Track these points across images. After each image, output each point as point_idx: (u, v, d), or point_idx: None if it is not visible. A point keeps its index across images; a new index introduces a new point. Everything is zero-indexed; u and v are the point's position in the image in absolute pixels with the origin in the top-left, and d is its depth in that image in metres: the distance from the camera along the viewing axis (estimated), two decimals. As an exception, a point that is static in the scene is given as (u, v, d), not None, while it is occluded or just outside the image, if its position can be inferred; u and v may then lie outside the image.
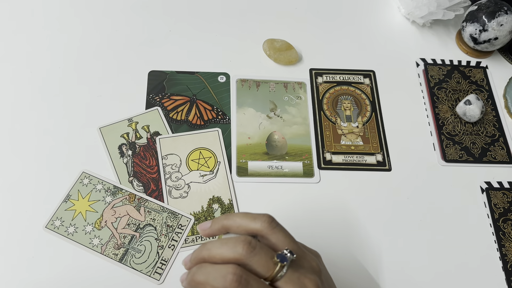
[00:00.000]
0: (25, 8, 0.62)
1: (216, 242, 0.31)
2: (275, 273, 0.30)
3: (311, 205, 0.50)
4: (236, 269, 0.29)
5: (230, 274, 0.29)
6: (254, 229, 0.32)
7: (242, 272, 0.29)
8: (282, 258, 0.30)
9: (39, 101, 0.54)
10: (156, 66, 0.58)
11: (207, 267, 0.30)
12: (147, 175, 0.50)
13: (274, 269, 0.30)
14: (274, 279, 0.30)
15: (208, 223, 0.34)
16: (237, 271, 0.29)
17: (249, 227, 0.32)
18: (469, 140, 0.56)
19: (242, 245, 0.30)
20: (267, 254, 0.30)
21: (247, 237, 0.31)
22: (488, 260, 0.48)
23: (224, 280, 0.28)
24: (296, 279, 0.30)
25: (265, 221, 0.32)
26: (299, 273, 0.30)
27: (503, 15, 0.57)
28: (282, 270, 0.30)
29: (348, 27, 0.64)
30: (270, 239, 0.32)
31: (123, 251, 0.46)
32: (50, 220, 0.47)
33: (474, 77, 0.61)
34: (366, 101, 0.58)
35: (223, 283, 0.28)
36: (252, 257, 0.30)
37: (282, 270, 0.30)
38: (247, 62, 0.60)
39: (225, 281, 0.28)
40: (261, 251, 0.30)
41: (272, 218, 0.33)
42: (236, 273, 0.29)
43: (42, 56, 0.58)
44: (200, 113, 0.55)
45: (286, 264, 0.30)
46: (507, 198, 0.52)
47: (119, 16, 0.62)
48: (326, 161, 0.53)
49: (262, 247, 0.30)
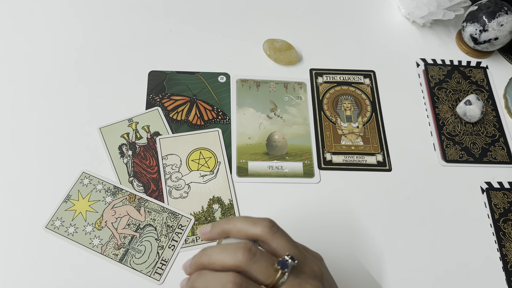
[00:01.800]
0: (25, 8, 0.62)
1: (216, 248, 0.31)
2: (276, 280, 0.29)
3: (311, 205, 0.50)
4: (236, 277, 0.29)
5: (230, 283, 0.28)
6: (254, 234, 0.32)
7: (242, 281, 0.29)
8: (283, 264, 0.30)
9: (39, 101, 0.54)
10: (156, 66, 0.58)
11: (207, 275, 0.30)
12: (147, 175, 0.50)
13: (275, 276, 0.29)
14: (275, 286, 0.29)
15: (208, 226, 0.34)
16: (237, 280, 0.28)
17: (250, 232, 0.32)
18: (469, 140, 0.56)
19: (242, 252, 0.30)
20: (267, 261, 0.30)
21: (247, 243, 0.30)
22: (488, 260, 0.48)
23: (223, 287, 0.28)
24: (297, 285, 0.30)
25: (266, 226, 0.32)
26: (300, 279, 0.30)
27: (503, 15, 0.57)
28: (283, 277, 0.29)
29: (348, 27, 0.64)
30: (270, 244, 0.32)
31: (123, 251, 0.46)
32: (50, 220, 0.47)
33: (474, 77, 0.61)
34: (366, 101, 0.58)
35: None
36: (252, 264, 0.29)
37: (283, 277, 0.29)
38: (247, 62, 0.60)
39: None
40: (261, 257, 0.30)
41: (273, 222, 0.32)
42: (236, 282, 0.28)
43: (42, 56, 0.58)
44: (200, 113, 0.55)
45: (287, 271, 0.30)
46: (508, 198, 0.52)
47: (119, 16, 0.62)
48: (326, 161, 0.53)
49: (262, 254, 0.30)
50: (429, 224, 0.50)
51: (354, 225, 0.49)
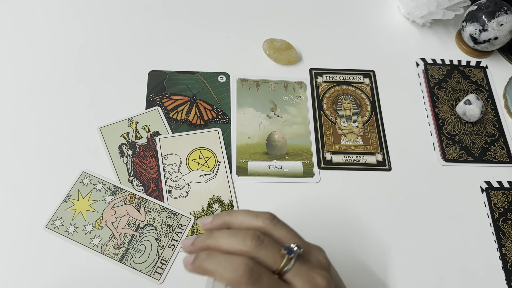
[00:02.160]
0: (25, 8, 0.62)
1: (224, 233, 0.31)
2: (282, 266, 0.30)
3: (311, 205, 0.50)
4: (248, 261, 0.29)
5: (243, 265, 0.28)
6: (256, 226, 0.32)
7: (253, 265, 0.29)
8: (289, 250, 0.30)
9: (39, 101, 0.54)
10: (156, 66, 0.58)
11: (218, 256, 0.30)
12: (147, 175, 0.50)
13: (281, 261, 0.30)
14: (281, 271, 0.30)
15: (209, 217, 0.34)
16: (249, 263, 0.28)
17: (251, 224, 0.32)
18: (469, 140, 0.56)
19: (251, 239, 0.30)
20: (274, 247, 0.30)
21: (256, 231, 0.31)
22: (488, 259, 0.48)
23: (235, 271, 0.28)
24: (304, 272, 0.30)
25: (267, 218, 0.32)
26: (307, 267, 0.30)
27: (503, 15, 0.57)
28: (290, 263, 0.30)
29: (348, 27, 0.65)
30: (273, 235, 0.32)
31: (123, 251, 0.46)
32: (50, 220, 0.47)
33: (474, 77, 0.61)
34: (366, 101, 0.58)
35: (235, 274, 0.28)
36: (260, 250, 0.30)
37: (289, 263, 0.30)
38: (247, 62, 0.60)
39: (237, 272, 0.28)
40: (268, 244, 0.30)
41: (273, 215, 0.33)
42: (248, 265, 0.28)
43: (42, 56, 0.58)
44: (200, 113, 0.55)
45: (293, 257, 0.30)
46: (507, 198, 0.52)
47: (119, 16, 0.62)
48: (326, 161, 0.53)
49: (270, 241, 0.30)
50: (429, 224, 0.50)
51: (353, 225, 0.49)
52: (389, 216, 0.50)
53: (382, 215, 0.50)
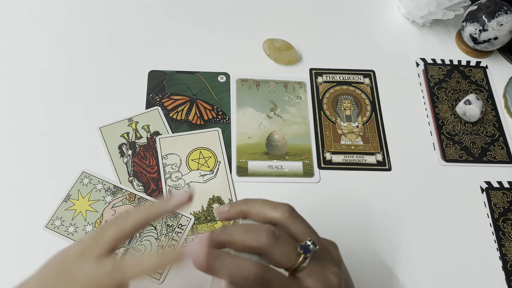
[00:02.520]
0: (24, 8, 0.62)
1: (238, 228, 0.30)
2: (298, 264, 0.29)
3: (311, 205, 0.50)
4: (258, 268, 0.28)
5: (252, 273, 0.27)
6: (274, 218, 0.31)
7: (263, 272, 0.28)
8: (305, 249, 0.30)
9: (39, 101, 0.54)
10: (156, 66, 0.58)
11: (227, 261, 0.28)
12: (147, 174, 0.50)
13: (297, 260, 0.29)
14: (296, 270, 0.29)
15: (226, 206, 0.33)
16: (259, 271, 0.28)
17: (269, 215, 0.31)
18: (469, 140, 0.56)
19: (266, 235, 0.29)
20: (290, 244, 0.30)
21: (271, 227, 0.30)
22: (488, 259, 0.48)
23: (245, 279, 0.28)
24: (318, 271, 0.30)
25: (286, 210, 0.32)
26: (321, 266, 0.30)
27: (503, 15, 0.57)
28: (305, 262, 0.29)
29: (348, 27, 0.65)
30: (290, 228, 0.31)
31: (123, 251, 0.46)
32: (50, 219, 0.47)
33: (474, 77, 0.61)
34: (366, 101, 0.58)
35: (245, 281, 0.28)
36: (275, 247, 0.29)
37: (305, 262, 0.29)
38: (247, 62, 0.60)
39: (247, 279, 0.27)
40: (284, 241, 0.29)
41: (292, 208, 0.32)
42: (258, 274, 0.28)
43: (42, 56, 0.58)
44: (200, 113, 0.55)
45: (309, 256, 0.29)
46: (507, 197, 0.52)
47: (119, 16, 0.62)
48: (326, 160, 0.53)
49: (285, 238, 0.30)
50: (429, 224, 0.50)
51: (353, 225, 0.49)
52: (389, 216, 0.50)
53: (382, 215, 0.50)
